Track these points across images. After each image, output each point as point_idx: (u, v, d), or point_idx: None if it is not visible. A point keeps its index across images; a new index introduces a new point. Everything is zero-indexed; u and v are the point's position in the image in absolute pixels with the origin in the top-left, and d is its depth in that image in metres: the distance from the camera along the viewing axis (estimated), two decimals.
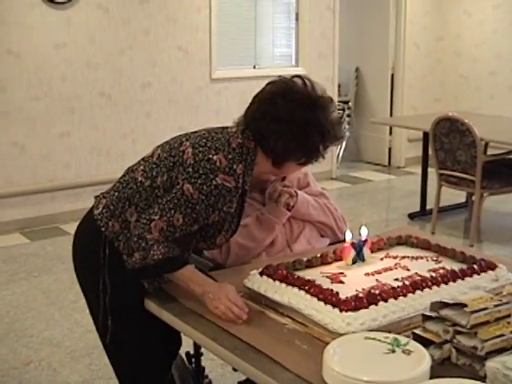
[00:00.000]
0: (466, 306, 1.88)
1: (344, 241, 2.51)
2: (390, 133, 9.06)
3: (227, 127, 2.43)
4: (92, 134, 6.63)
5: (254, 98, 2.39)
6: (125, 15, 6.62)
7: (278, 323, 2.16)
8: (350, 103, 9.26)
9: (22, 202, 6.34)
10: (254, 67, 7.74)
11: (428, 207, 6.67)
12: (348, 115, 9.25)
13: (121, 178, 2.47)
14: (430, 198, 6.59)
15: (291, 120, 2.26)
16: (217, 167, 2.23)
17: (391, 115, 9.00)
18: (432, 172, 6.40)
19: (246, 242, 2.77)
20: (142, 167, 2.40)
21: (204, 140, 2.32)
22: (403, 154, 9.06)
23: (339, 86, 9.00)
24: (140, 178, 2.37)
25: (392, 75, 8.96)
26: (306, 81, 2.35)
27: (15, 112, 6.20)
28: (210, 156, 2.25)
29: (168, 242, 2.26)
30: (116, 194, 2.41)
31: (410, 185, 7.92)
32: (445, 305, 1.93)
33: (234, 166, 2.26)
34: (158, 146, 2.47)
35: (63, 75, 6.39)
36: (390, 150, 9.18)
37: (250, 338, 2.05)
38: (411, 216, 6.72)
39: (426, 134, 6.48)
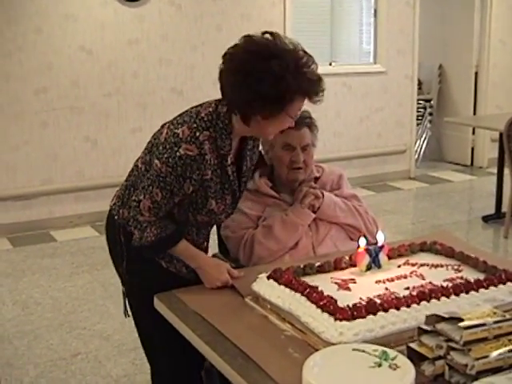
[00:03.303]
0: (462, 320, 1.77)
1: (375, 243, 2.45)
2: (473, 132, 8.78)
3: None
4: None
5: (223, 55, 2.41)
6: (197, 11, 6.65)
7: (277, 329, 2.11)
8: (432, 101, 9.02)
9: (94, 196, 6.46)
10: (330, 64, 7.63)
11: (503, 210, 6.40)
12: (430, 113, 9.03)
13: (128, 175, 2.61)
14: (506, 201, 6.32)
15: (245, 71, 2.25)
16: (179, 139, 2.30)
17: (474, 114, 8.72)
18: None
19: (268, 243, 2.74)
20: (141, 155, 2.53)
21: (178, 118, 2.42)
22: (486, 154, 8.77)
23: (421, 83, 8.83)
24: (140, 165, 2.50)
25: (476, 73, 8.69)
26: (269, 35, 2.33)
27: (88, 107, 6.33)
28: (176, 130, 2.33)
29: (160, 220, 2.38)
30: (125, 183, 2.57)
31: (491, 186, 7.57)
32: (442, 318, 1.82)
33: (197, 134, 2.30)
34: None
35: (135, 71, 6.48)
36: (472, 149, 8.91)
37: (244, 343, 2.01)
38: (485, 219, 6.49)
39: (502, 135, 6.22)
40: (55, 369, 3.86)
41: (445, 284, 2.20)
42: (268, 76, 2.22)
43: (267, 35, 2.33)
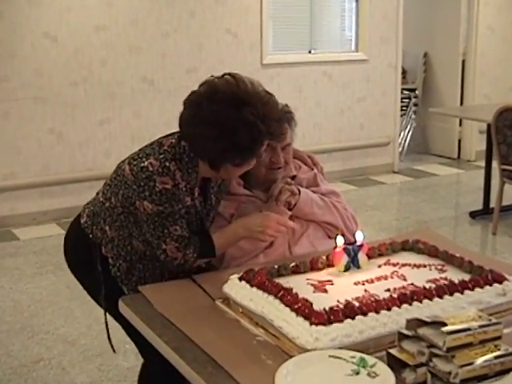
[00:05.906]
0: (446, 324, 1.66)
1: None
2: (460, 123, 8.59)
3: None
4: (134, 121, 6.49)
5: (185, 100, 2.40)
6: None
7: (249, 334, 2.00)
8: (416, 91, 8.87)
9: (60, 192, 6.26)
10: (310, 52, 7.43)
11: (492, 205, 6.16)
12: (415, 104, 8.88)
13: (96, 195, 2.66)
14: (494, 196, 6.09)
15: (218, 123, 2.26)
16: (150, 172, 2.31)
17: (461, 104, 8.54)
18: None
19: (242, 243, 2.58)
20: (102, 189, 2.59)
21: (137, 152, 2.42)
22: (474, 147, 8.58)
23: (406, 72, 8.70)
24: (101, 199, 2.57)
25: (463, 61, 8.51)
26: (231, 78, 2.34)
27: (52, 98, 6.11)
28: (142, 164, 2.33)
29: (186, 245, 2.40)
30: (92, 208, 2.62)
31: (479, 180, 7.35)
32: (424, 322, 1.71)
33: (167, 164, 2.32)
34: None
35: (103, 59, 6.27)
36: (459, 141, 8.73)
37: (214, 349, 1.89)
38: (473, 215, 6.28)
39: (490, 126, 5.98)
40: (15, 377, 3.72)
41: (428, 285, 2.11)
42: (242, 126, 2.25)
43: (228, 77, 2.34)
